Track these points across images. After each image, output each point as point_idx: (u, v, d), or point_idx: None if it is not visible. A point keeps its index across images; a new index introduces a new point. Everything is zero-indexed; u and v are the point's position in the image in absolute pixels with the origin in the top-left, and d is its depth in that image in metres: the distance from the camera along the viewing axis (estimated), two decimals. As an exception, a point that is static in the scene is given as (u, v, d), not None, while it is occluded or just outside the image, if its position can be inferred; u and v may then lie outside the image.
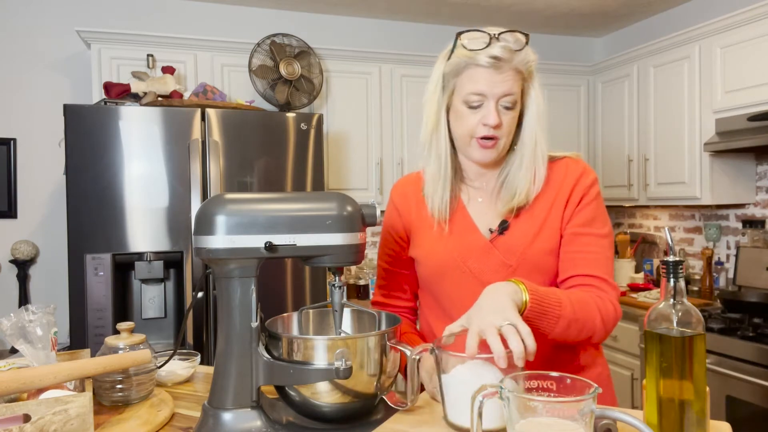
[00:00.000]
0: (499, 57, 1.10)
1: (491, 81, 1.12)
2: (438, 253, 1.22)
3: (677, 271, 0.86)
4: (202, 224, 0.93)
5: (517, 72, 1.14)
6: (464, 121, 1.17)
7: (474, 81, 1.13)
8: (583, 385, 0.75)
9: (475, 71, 1.13)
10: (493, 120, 1.13)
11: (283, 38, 3.02)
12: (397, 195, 1.34)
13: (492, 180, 1.25)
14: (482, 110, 1.14)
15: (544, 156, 1.21)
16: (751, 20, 2.67)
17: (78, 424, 0.89)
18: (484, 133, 1.15)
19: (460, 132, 1.19)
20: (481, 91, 1.13)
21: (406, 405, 0.99)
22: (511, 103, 1.14)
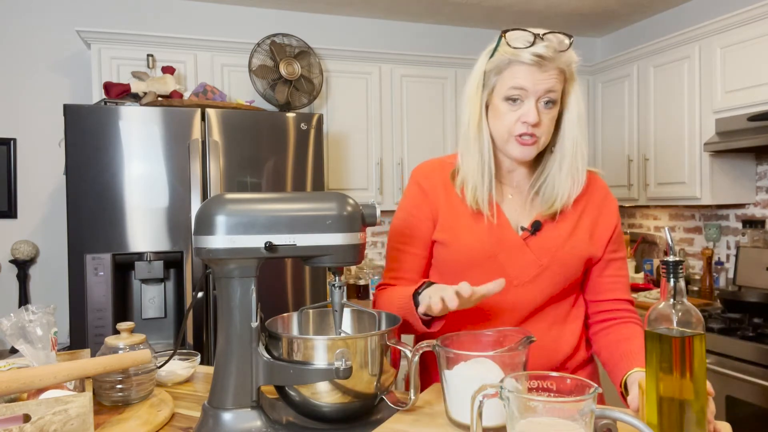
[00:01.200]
0: (543, 55, 1.11)
1: (534, 78, 1.12)
2: (470, 242, 1.21)
3: (677, 271, 0.85)
4: (202, 224, 0.93)
5: (560, 71, 1.15)
6: (503, 119, 1.17)
7: (516, 77, 1.13)
8: (583, 385, 0.75)
9: (518, 68, 1.13)
10: (533, 118, 1.13)
11: (283, 38, 3.02)
12: (422, 177, 1.31)
13: (523, 178, 1.27)
14: (522, 108, 1.15)
15: (584, 159, 1.22)
16: (751, 20, 2.67)
17: (78, 424, 0.89)
18: (523, 130, 1.15)
19: (498, 129, 1.19)
20: (523, 86, 1.13)
21: (406, 405, 0.99)
22: (552, 99, 1.15)
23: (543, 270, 1.21)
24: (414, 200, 1.29)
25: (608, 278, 1.27)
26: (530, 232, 1.22)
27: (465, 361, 0.93)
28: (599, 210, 1.26)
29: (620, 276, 1.28)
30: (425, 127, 3.39)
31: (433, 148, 3.38)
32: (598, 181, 1.30)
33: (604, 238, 1.26)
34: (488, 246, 1.20)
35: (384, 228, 3.68)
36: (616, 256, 1.28)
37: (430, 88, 3.41)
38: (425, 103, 3.40)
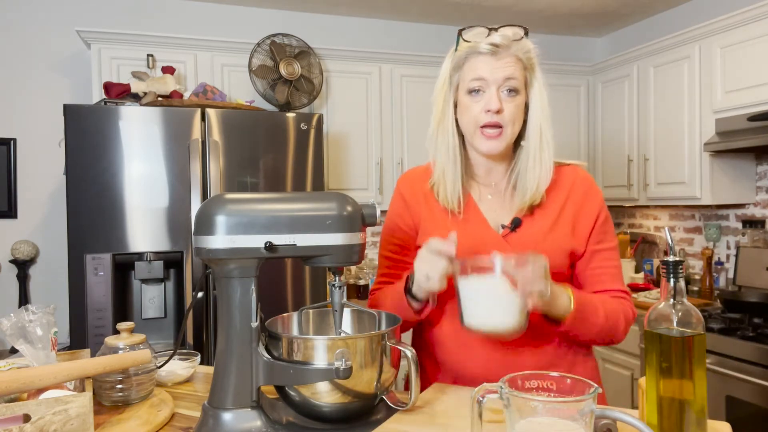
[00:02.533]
0: (497, 44, 1.16)
1: (491, 67, 1.16)
2: None
3: (677, 271, 0.86)
4: (202, 224, 0.93)
5: (517, 59, 1.18)
6: (468, 111, 1.20)
7: (474, 68, 1.18)
8: (583, 385, 0.75)
9: (475, 59, 1.18)
10: (495, 104, 1.16)
11: (283, 38, 3.02)
12: (404, 185, 1.36)
13: (501, 177, 1.29)
14: (484, 97, 1.18)
15: (550, 148, 1.24)
16: (751, 20, 2.67)
17: (78, 424, 0.89)
18: (488, 119, 1.18)
19: (465, 123, 1.22)
20: (481, 76, 1.17)
21: (406, 405, 0.99)
22: (513, 86, 1.18)
23: None
24: (397, 209, 1.34)
25: (594, 270, 1.26)
26: (510, 229, 1.23)
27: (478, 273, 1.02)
28: (581, 203, 1.26)
29: (607, 267, 1.26)
30: (425, 127, 3.36)
31: (433, 148, 3.38)
32: (580, 174, 1.30)
33: (586, 231, 1.25)
34: (467, 247, 1.20)
35: (384, 228, 3.68)
36: (600, 247, 1.26)
37: (430, 88, 3.39)
38: (425, 103, 3.37)
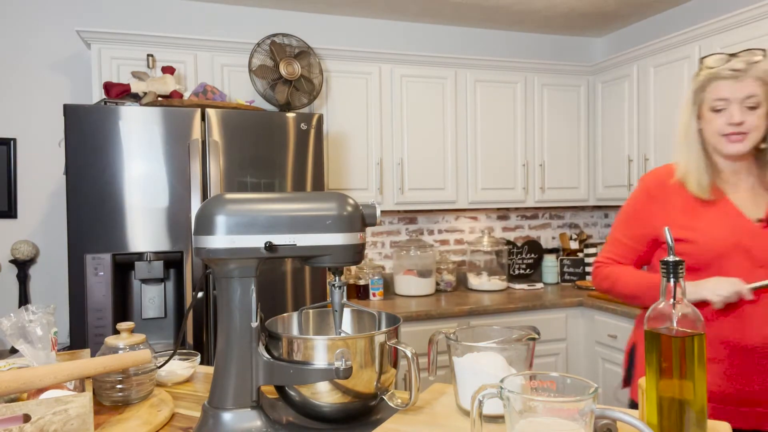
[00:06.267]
0: (737, 69, 1.35)
1: (732, 88, 1.36)
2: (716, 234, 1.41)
3: (677, 271, 0.86)
4: (202, 224, 0.93)
5: (756, 79, 1.36)
6: (712, 124, 1.41)
7: (715, 90, 1.39)
8: (583, 385, 0.75)
9: (717, 83, 1.39)
10: (736, 117, 1.36)
11: (283, 38, 3.02)
12: (653, 182, 1.55)
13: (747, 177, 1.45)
14: (726, 113, 1.38)
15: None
16: (751, 20, 2.67)
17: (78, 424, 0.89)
18: (729, 130, 1.38)
19: (709, 133, 1.42)
20: (724, 97, 1.37)
21: (406, 405, 0.99)
22: (754, 103, 1.36)
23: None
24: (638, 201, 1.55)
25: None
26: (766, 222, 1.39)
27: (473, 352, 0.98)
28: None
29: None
30: (425, 127, 3.39)
31: (433, 148, 3.39)
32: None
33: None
34: (731, 235, 1.39)
35: (384, 228, 3.69)
36: None
37: (430, 88, 3.41)
38: (425, 103, 3.40)
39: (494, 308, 3.06)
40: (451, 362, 1.01)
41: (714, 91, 1.39)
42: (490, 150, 3.51)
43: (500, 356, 0.96)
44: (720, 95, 1.38)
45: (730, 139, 1.39)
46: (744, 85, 1.35)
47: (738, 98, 1.36)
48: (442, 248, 3.79)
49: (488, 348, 0.98)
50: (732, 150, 1.40)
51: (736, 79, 1.36)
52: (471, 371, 0.96)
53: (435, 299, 3.30)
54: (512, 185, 3.56)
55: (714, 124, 1.40)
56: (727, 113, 1.38)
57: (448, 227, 3.83)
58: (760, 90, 1.36)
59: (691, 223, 1.45)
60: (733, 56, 1.38)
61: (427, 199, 3.38)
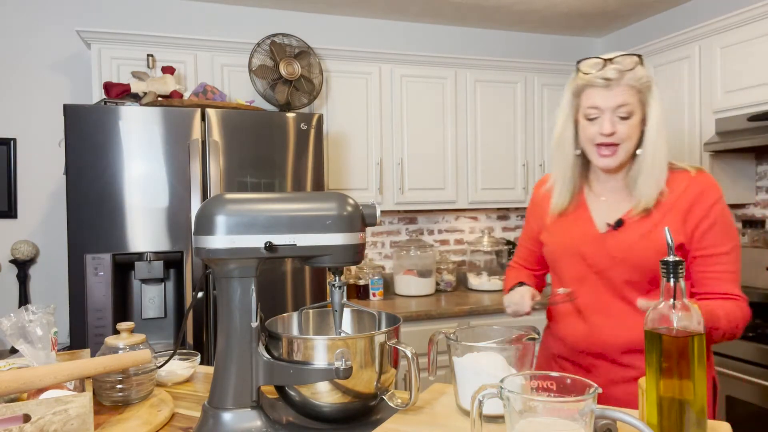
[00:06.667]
0: (608, 78, 1.31)
1: (605, 97, 1.33)
2: (558, 239, 1.48)
3: (677, 271, 0.86)
4: (202, 224, 0.93)
5: (629, 87, 1.32)
6: (585, 132, 1.39)
7: (590, 98, 1.35)
8: (583, 385, 0.75)
9: (591, 91, 1.35)
10: (607, 128, 1.33)
11: (283, 38, 3.02)
12: (536, 187, 1.64)
13: (616, 181, 1.44)
14: (599, 122, 1.35)
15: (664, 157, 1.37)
16: (751, 20, 2.67)
17: (78, 424, 0.89)
18: (600, 140, 1.35)
19: (584, 141, 1.41)
20: (596, 105, 1.34)
21: (406, 405, 0.99)
22: (626, 113, 1.33)
23: (617, 262, 1.36)
24: (530, 210, 1.64)
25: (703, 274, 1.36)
26: (613, 227, 1.39)
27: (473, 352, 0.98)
28: (690, 205, 1.35)
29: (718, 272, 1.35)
30: (425, 127, 3.39)
31: (433, 148, 3.39)
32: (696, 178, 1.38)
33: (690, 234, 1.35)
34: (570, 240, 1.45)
35: (384, 228, 3.68)
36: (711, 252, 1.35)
37: (430, 88, 3.41)
38: (425, 103, 3.40)
39: (494, 308, 3.06)
40: (451, 362, 1.01)
41: (587, 99, 1.36)
42: (490, 150, 3.50)
43: (500, 356, 0.96)
44: (592, 103, 1.35)
45: (600, 152, 1.37)
46: (616, 94, 1.32)
47: (610, 107, 1.33)
48: (442, 248, 3.79)
49: (488, 348, 0.98)
50: (602, 164, 1.38)
51: (608, 88, 1.32)
52: (471, 371, 0.96)
53: (435, 299, 3.30)
54: (512, 185, 3.56)
55: (587, 132, 1.38)
56: (599, 122, 1.35)
57: (448, 227, 3.83)
58: (633, 99, 1.33)
59: (550, 227, 1.52)
60: (609, 62, 1.34)
61: (427, 199, 3.38)
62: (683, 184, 1.38)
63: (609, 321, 1.39)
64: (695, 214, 1.35)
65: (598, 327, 1.40)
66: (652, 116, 1.36)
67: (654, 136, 1.35)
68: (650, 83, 1.35)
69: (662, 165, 1.36)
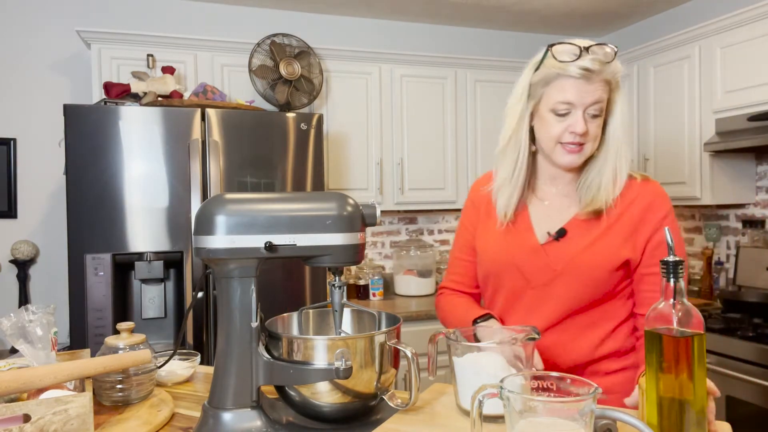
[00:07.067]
0: (590, 69, 1.15)
1: (581, 91, 1.16)
2: (493, 249, 1.31)
3: (677, 271, 0.86)
4: (202, 224, 0.93)
5: (605, 83, 1.18)
6: (550, 128, 1.21)
7: (563, 91, 1.17)
8: (583, 385, 0.75)
9: (565, 81, 1.17)
10: (580, 128, 1.17)
11: (283, 38, 3.02)
12: (473, 189, 1.44)
13: (566, 185, 1.30)
14: (569, 118, 1.19)
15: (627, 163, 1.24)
16: (751, 20, 2.67)
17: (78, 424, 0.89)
18: (570, 139, 1.20)
19: (545, 138, 1.23)
20: (570, 101, 1.17)
21: (406, 405, 0.99)
22: (598, 110, 1.19)
23: (557, 275, 1.22)
24: (465, 211, 1.43)
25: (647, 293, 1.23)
26: (554, 237, 1.25)
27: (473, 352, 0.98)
28: (641, 217, 1.23)
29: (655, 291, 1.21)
30: (425, 127, 3.39)
31: (433, 148, 3.38)
32: (648, 188, 1.26)
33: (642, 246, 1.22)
34: (507, 252, 1.28)
35: (384, 228, 3.68)
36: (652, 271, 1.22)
37: (430, 88, 3.41)
38: (425, 103, 3.39)
39: (494, 308, 3.06)
40: (451, 362, 1.01)
41: (560, 91, 1.17)
42: (491, 150, 3.49)
43: (500, 356, 0.96)
44: (565, 98, 1.17)
45: (567, 148, 1.21)
46: (594, 89, 1.16)
47: (584, 103, 1.16)
48: (442, 248, 3.79)
49: (488, 348, 0.98)
50: (566, 161, 1.22)
51: (588, 80, 1.15)
52: (471, 371, 0.96)
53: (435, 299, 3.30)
54: (512, 185, 3.56)
55: (553, 129, 1.20)
56: (569, 119, 1.18)
57: (448, 227, 3.83)
58: (606, 95, 1.19)
59: (484, 234, 1.34)
60: (585, 51, 1.15)
61: (427, 199, 3.38)
62: (632, 191, 1.24)
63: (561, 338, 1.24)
64: (647, 226, 1.22)
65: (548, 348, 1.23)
66: (618, 114, 1.23)
67: (620, 136, 1.23)
68: (619, 80, 1.22)
69: (624, 168, 1.24)
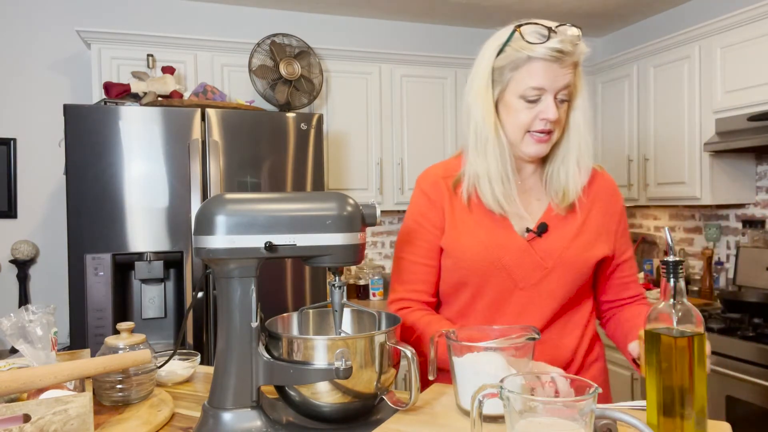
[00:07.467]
0: (562, 50, 1.08)
1: (553, 75, 1.09)
2: (475, 250, 1.18)
3: (677, 271, 0.86)
4: (202, 224, 0.93)
5: (575, 66, 1.12)
6: (519, 116, 1.13)
7: (534, 75, 1.09)
8: (583, 385, 0.75)
9: (536, 65, 1.09)
10: (552, 114, 1.10)
11: (283, 38, 3.02)
12: (427, 183, 1.26)
13: (528, 176, 1.24)
14: (540, 104, 1.11)
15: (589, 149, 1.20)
16: (751, 20, 2.67)
17: (78, 424, 0.89)
18: (541, 127, 1.13)
19: (511, 126, 1.15)
20: (542, 85, 1.09)
21: (406, 405, 0.99)
22: (567, 95, 1.13)
23: (548, 272, 1.18)
24: (421, 209, 1.25)
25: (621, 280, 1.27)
26: (536, 233, 1.19)
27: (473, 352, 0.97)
28: (606, 208, 1.24)
29: (631, 275, 1.29)
30: (425, 127, 3.39)
31: (433, 148, 3.38)
32: (606, 177, 1.28)
33: (612, 237, 1.24)
34: (491, 251, 1.17)
35: (384, 228, 3.68)
36: (627, 257, 1.27)
37: (430, 88, 3.41)
38: (425, 103, 3.39)
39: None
40: (451, 362, 1.01)
41: (531, 76, 1.09)
42: (490, 150, 3.50)
43: (500, 356, 0.96)
44: (538, 83, 1.09)
45: (536, 138, 1.13)
46: (565, 72, 1.09)
47: (556, 88, 1.09)
48: (442, 248, 3.79)
49: (488, 348, 0.98)
50: (534, 151, 1.15)
51: (560, 62, 1.08)
52: (471, 371, 0.96)
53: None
54: (512, 185, 3.56)
55: (521, 116, 1.12)
56: (540, 105, 1.11)
57: (448, 227, 3.83)
58: (573, 79, 1.12)
59: (458, 235, 1.20)
60: (552, 31, 1.09)
61: (427, 199, 3.37)
62: (596, 182, 1.24)
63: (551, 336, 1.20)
64: (614, 217, 1.24)
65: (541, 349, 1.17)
66: (579, 99, 1.17)
67: (583, 120, 1.18)
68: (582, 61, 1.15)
69: (588, 155, 1.20)
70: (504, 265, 1.18)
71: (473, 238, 1.19)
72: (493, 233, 1.19)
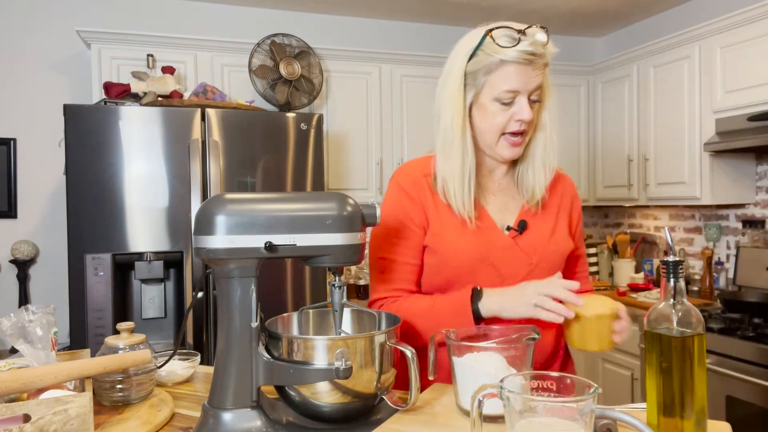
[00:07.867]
0: (534, 53, 1.11)
1: (526, 77, 1.12)
2: (461, 246, 1.19)
3: (677, 271, 0.86)
4: (202, 224, 0.93)
5: (544, 66, 1.16)
6: (495, 118, 1.16)
7: (508, 78, 1.12)
8: (583, 385, 0.75)
9: (509, 68, 1.12)
10: (527, 115, 1.14)
11: (283, 38, 3.02)
12: (406, 181, 1.25)
13: (502, 177, 1.28)
14: (514, 106, 1.14)
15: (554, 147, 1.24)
16: (751, 20, 2.67)
17: (78, 424, 0.89)
18: (516, 128, 1.16)
19: (487, 129, 1.17)
20: (516, 88, 1.12)
21: (406, 405, 0.99)
22: (538, 96, 1.17)
23: (533, 268, 1.22)
24: (402, 205, 1.24)
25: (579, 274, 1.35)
26: (517, 231, 1.23)
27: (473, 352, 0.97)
28: (570, 206, 1.32)
29: (584, 270, 1.38)
30: (425, 127, 3.39)
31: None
32: (568, 181, 1.35)
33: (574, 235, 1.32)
34: (479, 248, 1.20)
35: (384, 228, 3.68)
36: (581, 252, 1.37)
37: (430, 88, 3.40)
38: (425, 103, 3.39)
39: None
40: (451, 362, 1.01)
41: (505, 79, 1.11)
42: (490, 150, 3.51)
43: (500, 356, 0.96)
44: (512, 86, 1.11)
45: (510, 141, 1.17)
46: (536, 74, 1.13)
47: (528, 90, 1.13)
48: (442, 248, 3.79)
49: (488, 348, 0.98)
50: (509, 154, 1.18)
51: (532, 65, 1.11)
52: (471, 371, 0.96)
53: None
54: (512, 185, 3.56)
55: (497, 119, 1.15)
56: (513, 107, 1.14)
57: (448, 227, 3.83)
58: (544, 80, 1.17)
59: (441, 229, 1.21)
60: (521, 34, 1.11)
61: (427, 199, 3.38)
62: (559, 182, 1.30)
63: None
64: (574, 215, 1.33)
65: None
66: (551, 98, 1.22)
67: (550, 119, 1.22)
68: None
69: (553, 155, 1.23)
70: (492, 262, 1.20)
71: (460, 236, 1.20)
72: (479, 231, 1.21)
